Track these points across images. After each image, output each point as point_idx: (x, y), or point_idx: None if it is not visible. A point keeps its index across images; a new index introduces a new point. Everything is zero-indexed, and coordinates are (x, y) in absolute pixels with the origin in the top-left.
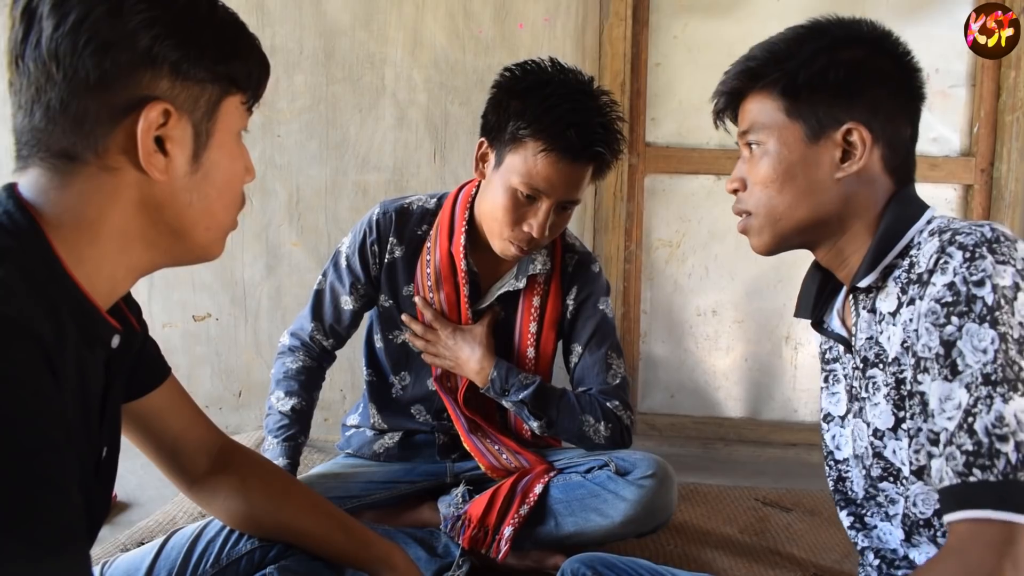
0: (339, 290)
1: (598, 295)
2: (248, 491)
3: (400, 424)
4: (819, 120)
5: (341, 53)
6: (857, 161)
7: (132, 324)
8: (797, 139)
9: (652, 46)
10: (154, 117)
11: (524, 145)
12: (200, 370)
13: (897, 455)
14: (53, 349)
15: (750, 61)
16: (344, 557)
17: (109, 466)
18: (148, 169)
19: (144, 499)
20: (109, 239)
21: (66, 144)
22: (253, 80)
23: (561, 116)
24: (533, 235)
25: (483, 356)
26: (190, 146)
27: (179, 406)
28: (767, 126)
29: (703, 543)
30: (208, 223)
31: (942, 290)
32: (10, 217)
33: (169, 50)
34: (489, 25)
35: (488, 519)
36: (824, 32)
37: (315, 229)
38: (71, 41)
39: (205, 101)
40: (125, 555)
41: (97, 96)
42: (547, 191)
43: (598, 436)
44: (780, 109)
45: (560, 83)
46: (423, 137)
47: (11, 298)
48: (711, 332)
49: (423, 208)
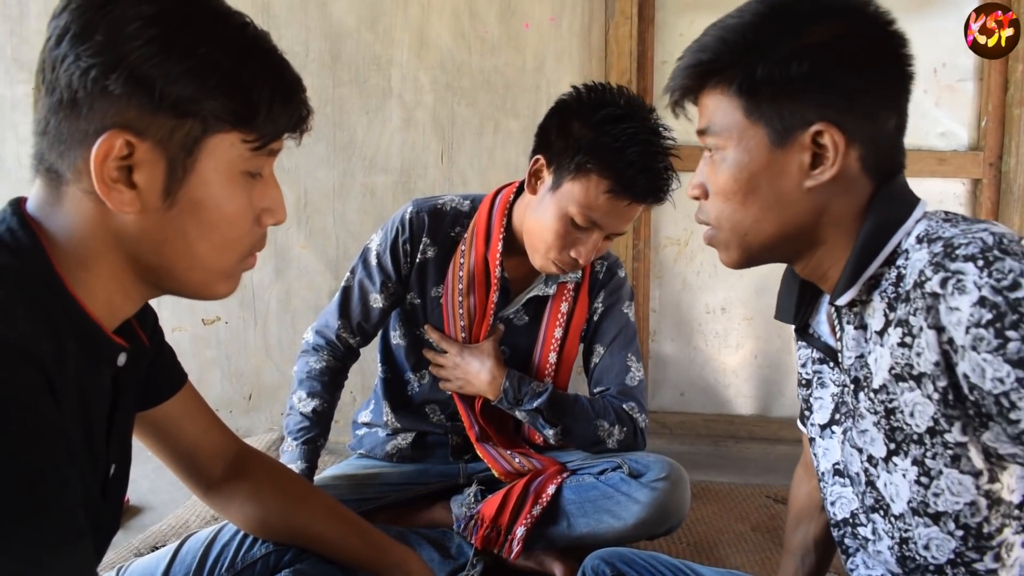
0: (369, 288)
1: (624, 300)
2: (264, 496)
3: (414, 424)
4: (783, 121)
5: (347, 55)
6: (829, 167)
7: (141, 340)
8: (760, 144)
9: (658, 44)
10: (116, 147)
11: (589, 179)
12: (210, 374)
13: (887, 488)
14: (53, 371)
15: (701, 53)
16: (360, 562)
17: (118, 483)
18: (107, 200)
19: (156, 503)
20: (97, 265)
21: (51, 161)
22: (259, 118)
23: (633, 161)
24: (580, 262)
25: (493, 367)
26: (162, 180)
27: (195, 413)
28: (725, 129)
29: (716, 540)
30: (190, 263)
31: (975, 311)
32: (13, 234)
33: (142, 78)
34: (495, 25)
35: (501, 519)
36: (787, 10)
37: (323, 231)
38: (52, 57)
39: (183, 135)
40: (140, 560)
41: (68, 117)
42: (603, 225)
43: (612, 440)
44: (739, 109)
45: (631, 119)
46: (430, 138)
47: (10, 320)
48: (720, 329)
49: (456, 210)
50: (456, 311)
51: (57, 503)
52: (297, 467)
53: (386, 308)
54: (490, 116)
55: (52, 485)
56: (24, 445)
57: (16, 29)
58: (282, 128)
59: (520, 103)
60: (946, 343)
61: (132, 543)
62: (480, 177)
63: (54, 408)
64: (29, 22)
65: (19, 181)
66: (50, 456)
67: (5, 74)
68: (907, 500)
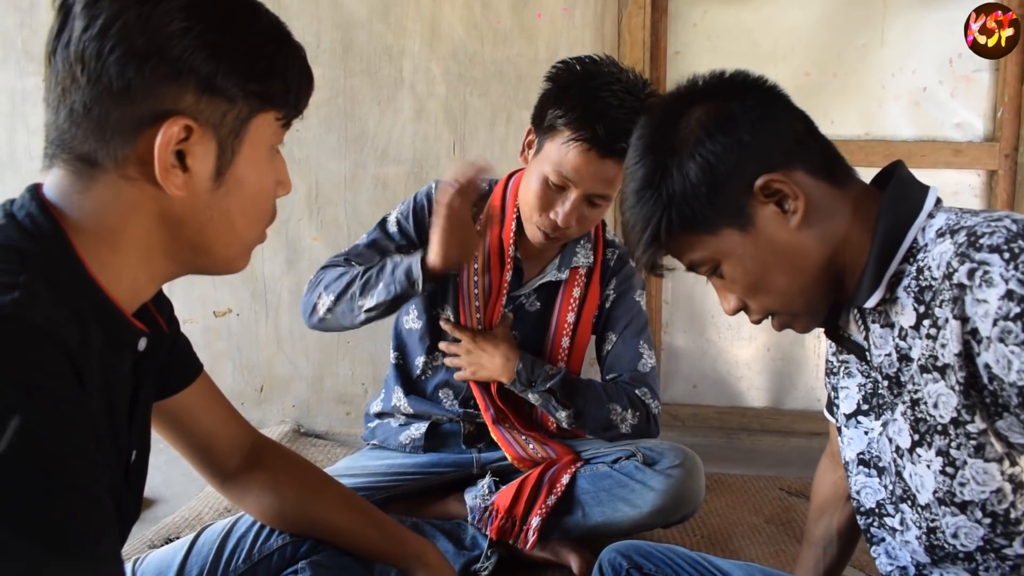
0: (384, 245)
1: (635, 288)
2: (280, 487)
3: (426, 409)
4: (732, 212)
5: (359, 46)
6: (794, 199)
7: (160, 325)
8: (737, 240)
9: (671, 34)
10: (174, 132)
11: (559, 133)
12: (221, 366)
13: (913, 479)
14: (79, 355)
15: (636, 246)
16: (377, 553)
17: (139, 469)
18: (165, 185)
19: (169, 495)
20: (130, 248)
21: (87, 149)
22: (291, 97)
23: (594, 108)
24: (558, 223)
25: (507, 350)
26: (213, 162)
27: (211, 403)
28: (706, 255)
29: (730, 533)
30: (230, 239)
31: (1003, 304)
32: (33, 220)
33: (199, 63)
34: (507, 15)
35: (516, 509)
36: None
37: (335, 223)
38: (97, 45)
39: (233, 118)
40: (156, 552)
41: (119, 105)
42: (575, 181)
43: (625, 424)
44: (699, 237)
45: (607, 78)
46: (442, 129)
47: (36, 305)
48: (733, 322)
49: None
50: (471, 290)
51: (86, 488)
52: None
53: None
54: (502, 107)
55: (81, 470)
56: (53, 430)
57: (26, 21)
58: (304, 103)
59: (532, 94)
60: (968, 333)
61: (146, 535)
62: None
63: (81, 393)
64: (39, 14)
65: (30, 172)
66: (78, 441)
67: (15, 66)
68: (932, 490)
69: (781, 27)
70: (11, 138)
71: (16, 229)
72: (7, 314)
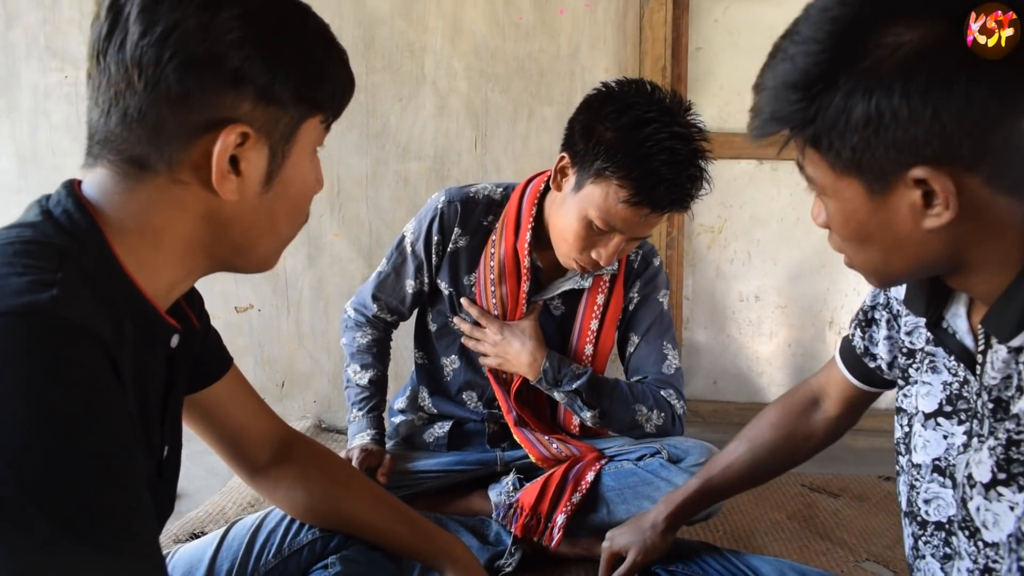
0: (403, 273)
1: (659, 289)
2: (310, 482)
3: (450, 410)
4: (875, 170)
5: (380, 42)
6: (944, 210)
7: (192, 321)
8: (858, 195)
9: (693, 30)
10: (232, 140)
11: (608, 185)
12: (243, 361)
13: (980, 514)
14: (115, 351)
15: (762, 114)
16: (406, 549)
17: (172, 465)
18: (220, 190)
19: (192, 490)
20: (172, 248)
21: (139, 152)
22: (336, 101)
23: (655, 170)
24: (601, 264)
25: (535, 348)
26: (264, 168)
27: (241, 396)
28: (818, 180)
29: (752, 529)
30: (271, 239)
31: None
32: (70, 217)
33: (256, 73)
34: (529, 11)
35: (540, 507)
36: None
37: (356, 219)
38: (156, 52)
39: (285, 124)
40: (186, 547)
41: (176, 111)
42: (622, 230)
43: (650, 424)
44: (823, 162)
45: (658, 124)
46: (464, 125)
47: (74, 301)
48: (754, 318)
49: (489, 198)
50: (489, 300)
51: (127, 483)
52: (368, 435)
53: (419, 292)
54: (524, 103)
55: (121, 465)
56: (93, 425)
57: (49, 17)
58: (345, 105)
59: (554, 90)
60: None
61: (170, 530)
62: (514, 164)
63: (119, 389)
64: (62, 10)
65: (53, 169)
66: (118, 436)
67: (38, 62)
68: (1008, 532)
69: None
70: (34, 134)
71: (53, 226)
72: (46, 311)
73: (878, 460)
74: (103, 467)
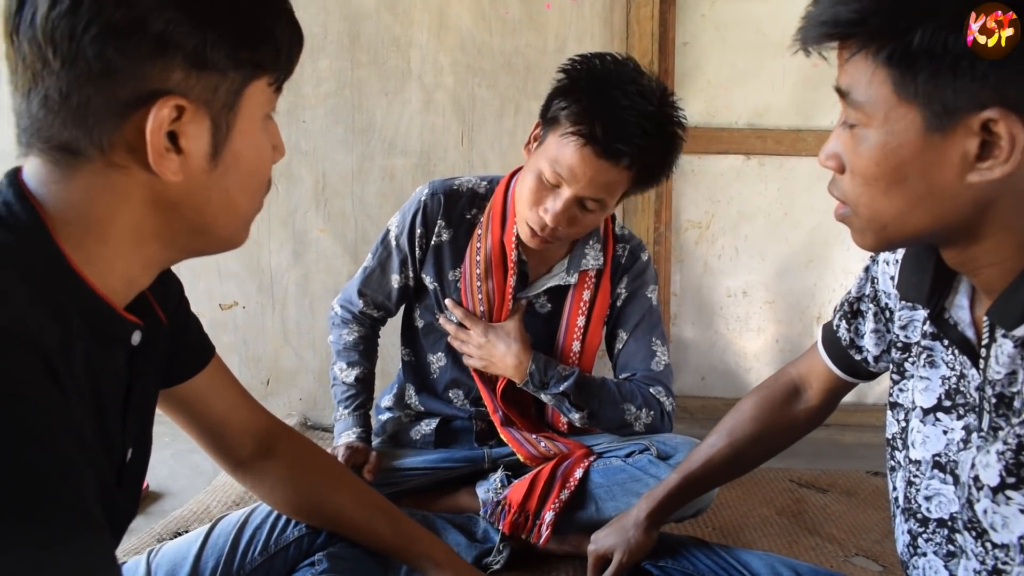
0: (388, 268)
1: (647, 284)
2: (295, 478)
3: (437, 408)
4: (945, 103)
5: (366, 37)
6: (1000, 163)
7: (158, 316)
8: (912, 127)
9: (679, 25)
10: (165, 114)
11: (559, 125)
12: (227, 359)
13: (988, 516)
14: (56, 356)
15: (841, 6)
16: (389, 550)
17: (136, 468)
18: (159, 170)
19: (176, 488)
20: (120, 239)
21: (67, 137)
22: (282, 59)
23: (600, 104)
24: (547, 222)
25: (520, 351)
26: (208, 141)
27: (223, 388)
28: (869, 103)
29: (741, 525)
30: (229, 217)
31: None
32: (10, 209)
33: (184, 36)
34: (516, 6)
35: (529, 504)
36: None
37: (342, 215)
38: (69, 23)
39: (225, 91)
40: (170, 544)
41: (100, 88)
42: (567, 180)
43: (639, 423)
44: (887, 82)
45: (623, 78)
46: (450, 120)
47: (5, 305)
48: (742, 313)
49: (473, 191)
50: (475, 296)
51: (63, 498)
52: (354, 433)
53: (404, 286)
54: (511, 98)
55: (56, 479)
56: (22, 439)
57: None
58: (295, 63)
59: (541, 84)
60: None
61: (154, 529)
62: (501, 159)
63: (57, 396)
64: None
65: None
66: (52, 449)
67: None
68: (1019, 535)
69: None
70: None
71: None
72: None
73: (866, 455)
74: (34, 482)
